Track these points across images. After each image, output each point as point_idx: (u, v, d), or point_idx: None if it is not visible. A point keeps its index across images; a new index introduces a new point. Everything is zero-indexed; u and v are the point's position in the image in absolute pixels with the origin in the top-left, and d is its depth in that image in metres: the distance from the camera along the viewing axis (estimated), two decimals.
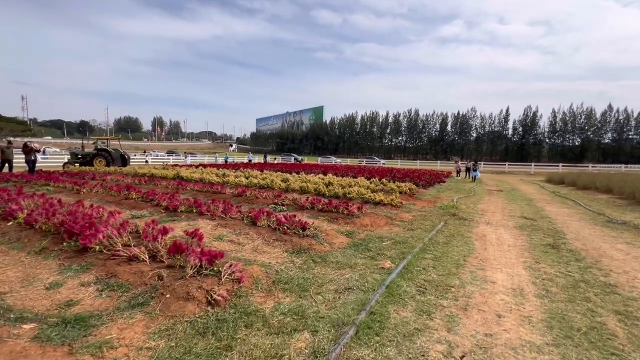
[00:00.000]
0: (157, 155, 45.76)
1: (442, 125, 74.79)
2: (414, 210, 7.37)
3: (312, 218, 5.94)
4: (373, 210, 6.87)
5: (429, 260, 3.92)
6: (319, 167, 20.09)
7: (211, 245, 4.00)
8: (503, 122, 67.71)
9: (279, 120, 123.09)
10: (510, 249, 4.61)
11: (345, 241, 4.62)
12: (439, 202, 8.87)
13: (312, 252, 3.97)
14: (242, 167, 19.51)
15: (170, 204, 5.75)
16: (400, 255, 4.02)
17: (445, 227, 5.85)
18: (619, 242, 5.11)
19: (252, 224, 4.87)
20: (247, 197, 7.54)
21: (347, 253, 4.09)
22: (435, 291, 3.05)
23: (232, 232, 4.62)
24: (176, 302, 2.52)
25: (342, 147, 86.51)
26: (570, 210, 8.28)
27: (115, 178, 10.90)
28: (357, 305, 2.62)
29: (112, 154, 19.84)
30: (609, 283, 3.39)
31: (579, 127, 62.09)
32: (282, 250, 4.01)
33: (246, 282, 2.94)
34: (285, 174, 12.87)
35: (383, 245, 4.51)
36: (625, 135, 59.23)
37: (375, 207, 7.33)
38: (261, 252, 3.92)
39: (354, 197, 7.99)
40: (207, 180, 10.55)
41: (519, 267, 3.84)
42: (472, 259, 4.11)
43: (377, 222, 5.85)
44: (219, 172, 13.03)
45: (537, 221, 6.68)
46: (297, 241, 4.19)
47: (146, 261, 3.13)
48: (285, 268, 3.46)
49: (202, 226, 4.83)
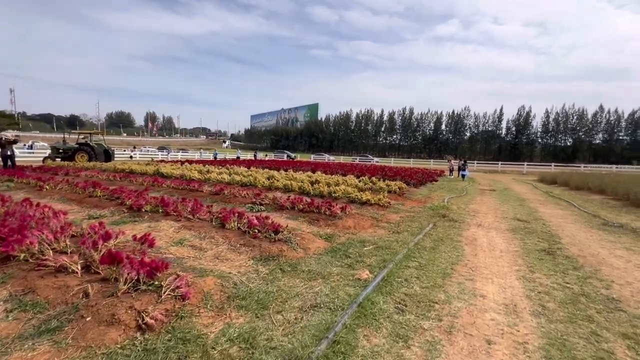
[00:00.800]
0: (149, 151, 44.80)
1: (436, 124, 74.75)
2: (402, 211, 6.96)
3: (290, 219, 5.50)
4: (358, 211, 6.44)
5: (413, 270, 3.51)
6: (310, 165, 19.62)
7: (167, 252, 3.52)
8: (497, 122, 67.95)
9: (273, 117, 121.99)
10: (503, 255, 4.22)
11: (322, 246, 4.19)
12: (430, 202, 8.49)
13: (282, 260, 3.53)
14: (230, 163, 18.94)
15: (135, 203, 5.25)
16: (381, 264, 3.60)
17: (434, 229, 5.45)
18: (618, 247, 4.77)
19: (220, 227, 4.40)
20: (225, 195, 7.05)
21: (322, 260, 3.65)
22: (416, 308, 2.62)
23: (196, 235, 4.14)
24: (96, 327, 2.05)
25: (336, 145, 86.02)
26: (565, 211, 7.97)
27: (90, 174, 10.30)
28: (320, 331, 2.18)
29: (95, 148, 19.10)
30: (612, 297, 3.01)
31: (571, 127, 62.53)
32: (248, 257, 3.55)
33: (193, 298, 2.48)
34: (272, 172, 12.38)
35: (364, 250, 4.08)
36: (616, 136, 59.83)
37: (361, 207, 6.91)
38: (223, 259, 3.46)
39: (340, 196, 7.56)
40: (188, 176, 10.01)
41: (512, 277, 3.45)
42: (460, 267, 3.71)
43: (361, 224, 5.43)
44: (202, 169, 12.48)
45: (530, 223, 6.33)
46: (267, 247, 3.73)
47: (77, 273, 2.65)
48: (247, 279, 3.00)
49: (163, 228, 4.35)
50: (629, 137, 58.70)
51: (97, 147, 19.40)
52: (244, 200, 6.62)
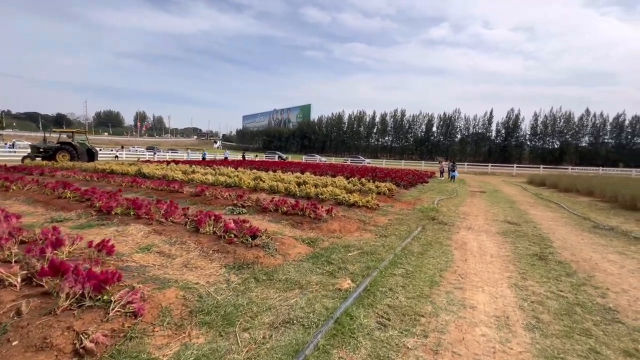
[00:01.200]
0: (137, 151, 43.80)
1: (427, 126, 75.24)
2: (390, 213, 6.74)
3: (273, 222, 5.21)
4: (345, 213, 6.19)
5: (399, 278, 3.26)
6: (300, 166, 19.34)
7: (129, 260, 3.20)
8: (487, 124, 68.74)
9: (266, 118, 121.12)
10: (494, 261, 4.02)
11: (304, 251, 3.92)
12: (419, 204, 8.30)
13: (257, 267, 3.24)
14: (218, 164, 18.51)
15: (105, 205, 4.88)
16: (365, 271, 3.34)
17: (423, 233, 5.24)
18: (610, 251, 4.63)
19: (195, 231, 4.09)
20: (206, 197, 6.71)
21: (302, 267, 3.38)
22: (400, 323, 2.38)
23: (166, 240, 3.82)
24: (22, 354, 1.73)
25: (329, 146, 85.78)
26: (555, 214, 7.88)
27: (67, 174, 9.80)
28: (288, 354, 1.91)
29: (77, 148, 18.43)
30: (609, 307, 2.82)
31: (559, 130, 63.63)
32: (221, 264, 3.26)
33: (148, 314, 2.18)
34: (259, 172, 12.05)
35: (348, 256, 3.83)
36: (601, 140, 61.13)
37: (348, 209, 6.66)
38: (192, 267, 3.15)
39: (327, 198, 7.30)
40: (171, 177, 9.61)
41: (504, 285, 3.24)
42: (449, 274, 3.49)
43: (347, 227, 5.18)
44: (187, 169, 12.07)
45: (521, 226, 6.18)
46: (242, 253, 3.44)
47: (16, 286, 2.32)
48: (216, 290, 2.71)
49: (132, 233, 4.01)
50: (614, 141, 60.06)
51: (80, 147, 18.73)
52: (225, 202, 6.30)
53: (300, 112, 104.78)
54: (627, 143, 58.37)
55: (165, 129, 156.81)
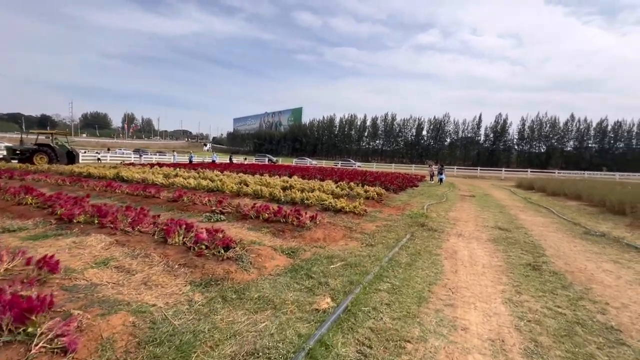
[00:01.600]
0: (123, 154, 42.65)
1: (418, 130, 75.90)
2: (378, 219, 6.47)
3: (252, 230, 4.87)
4: (331, 220, 5.89)
5: (384, 294, 2.97)
6: (289, 169, 19.00)
7: (80, 277, 2.82)
8: (476, 129, 69.76)
9: (257, 121, 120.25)
10: (486, 272, 3.78)
11: (282, 264, 3.59)
12: (409, 209, 8.07)
13: (227, 284, 2.90)
14: (205, 167, 18.01)
15: (67, 213, 4.46)
16: (347, 287, 3.04)
17: (411, 241, 4.97)
18: (604, 260, 4.45)
19: (162, 242, 3.72)
20: (184, 202, 6.32)
21: (278, 283, 3.06)
22: (383, 352, 2.08)
23: (128, 253, 3.44)
24: None
25: (320, 149, 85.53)
26: (545, 219, 7.75)
27: (38, 177, 9.23)
28: None
29: (56, 150, 17.68)
30: (611, 325, 2.59)
31: (545, 135, 65.02)
32: (186, 281, 2.90)
33: (83, 349, 1.82)
34: (245, 176, 11.66)
35: (330, 269, 3.52)
36: (585, 144, 62.71)
37: (335, 215, 6.36)
38: (153, 285, 2.79)
39: (313, 203, 6.99)
40: (151, 181, 9.15)
41: (497, 301, 2.98)
42: (439, 288, 3.22)
43: (332, 235, 4.87)
44: (170, 173, 11.60)
45: (512, 232, 5.99)
46: (212, 267, 3.10)
47: None
48: (175, 313, 2.37)
49: (91, 244, 3.61)
50: (597, 145, 61.67)
51: (59, 149, 17.98)
52: (203, 208, 5.93)
53: (291, 115, 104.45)
54: (610, 147, 60.07)
55: (154, 131, 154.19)
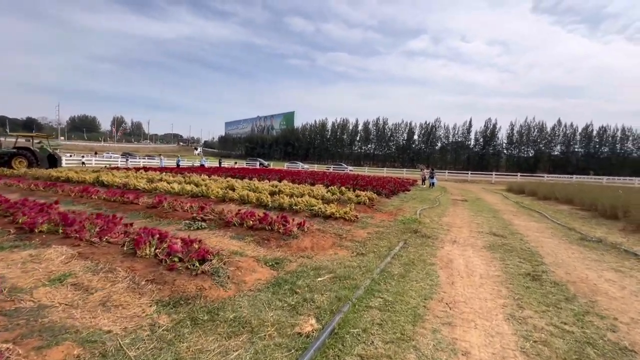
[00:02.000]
0: (111, 157, 41.62)
1: (409, 135, 76.50)
2: (370, 226, 6.21)
3: (235, 239, 4.54)
4: (321, 227, 5.60)
5: (375, 312, 2.68)
6: (280, 173, 18.65)
7: (28, 297, 2.45)
8: (466, 133, 70.69)
9: (249, 125, 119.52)
10: (484, 283, 3.53)
11: (265, 277, 3.28)
12: (401, 214, 7.83)
13: (199, 303, 2.57)
14: (192, 171, 17.53)
15: (29, 221, 4.06)
16: (335, 304, 2.74)
17: (405, 249, 4.71)
18: (605, 268, 4.26)
19: (132, 254, 3.37)
20: (164, 208, 5.94)
21: (258, 300, 2.74)
22: None
23: (91, 267, 3.08)
24: None
25: (312, 153, 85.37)
26: (540, 224, 7.61)
27: (10, 182, 8.69)
28: None
29: (36, 153, 16.98)
30: (624, 345, 2.35)
31: (533, 139, 66.29)
32: (152, 300, 2.57)
33: None
34: (234, 180, 11.29)
35: (317, 282, 3.22)
36: (572, 148, 64.16)
37: (324, 221, 6.07)
38: (112, 306, 2.45)
39: (302, 209, 6.69)
40: (133, 185, 8.71)
41: (499, 317, 2.73)
42: (435, 303, 2.95)
43: (321, 244, 4.58)
44: (155, 177, 11.14)
45: (507, 239, 5.79)
46: (183, 283, 2.76)
47: None
48: (132, 342, 2.03)
49: (49, 257, 3.23)
50: (583, 150, 63.15)
51: (39, 152, 17.27)
52: (184, 215, 5.56)
53: (283, 119, 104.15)
54: (595, 152, 61.59)
55: (144, 134, 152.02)
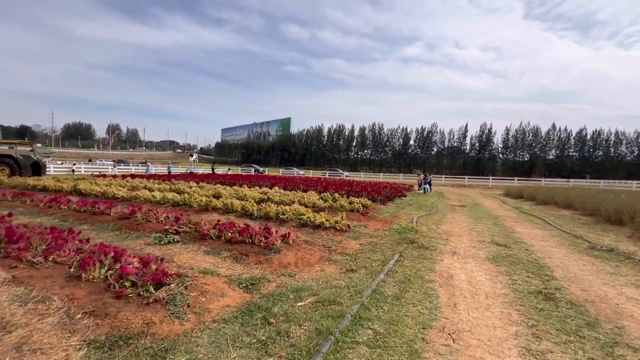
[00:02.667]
0: (103, 164, 40.94)
1: (405, 140, 76.52)
2: (363, 236, 5.73)
3: (210, 255, 4.04)
4: (309, 237, 5.11)
5: (363, 349, 2.20)
6: (273, 179, 18.15)
7: None
8: (462, 138, 70.84)
9: (245, 131, 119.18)
10: (491, 305, 3.06)
11: (235, 302, 2.78)
12: (397, 222, 7.36)
13: (144, 343, 2.07)
14: (183, 178, 16.97)
15: None
16: (315, 339, 2.25)
17: (400, 263, 4.23)
18: (623, 283, 3.81)
19: (77, 277, 2.85)
20: (137, 220, 5.42)
21: (221, 335, 2.25)
22: None
23: (21, 295, 2.56)
24: None
25: (308, 159, 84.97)
26: (544, 231, 7.17)
27: None
28: None
29: (19, 161, 16.35)
30: None
31: (528, 144, 66.56)
32: (83, 340, 2.06)
33: None
34: (222, 187, 10.78)
35: (296, 309, 2.73)
36: (567, 152, 64.47)
37: (313, 232, 5.59)
38: (29, 350, 1.93)
39: (290, 218, 6.20)
40: (112, 194, 8.18)
41: (513, 353, 2.25)
42: (435, 333, 2.47)
43: (307, 259, 4.09)
44: (138, 185, 10.60)
45: (511, 249, 5.34)
46: (127, 316, 2.26)
47: None
48: None
49: None
50: (577, 153, 63.49)
51: (23, 159, 16.64)
52: (157, 227, 5.04)
53: (280, 126, 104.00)
54: (590, 155, 61.96)
55: (140, 142, 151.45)
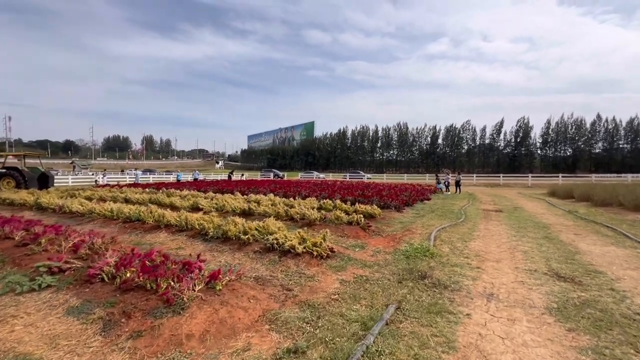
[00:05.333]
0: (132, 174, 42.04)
1: (432, 139, 72.56)
2: (352, 264, 3.97)
3: (72, 315, 2.52)
4: (266, 272, 3.47)
5: None
6: (280, 184, 16.74)
7: None
8: (495, 135, 65.79)
9: (270, 137, 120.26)
10: None
11: None
12: (407, 238, 5.49)
13: None
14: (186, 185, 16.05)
15: None
16: None
17: (394, 329, 2.47)
18: None
19: None
20: (33, 248, 4.05)
21: None
22: None
23: None
24: None
25: (333, 162, 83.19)
26: (624, 250, 4.98)
27: None
28: None
29: (25, 172, 16.24)
30: None
31: (570, 137, 60.45)
32: None
33: None
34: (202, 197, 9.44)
35: None
36: (616, 145, 57.57)
37: (279, 260, 3.93)
38: None
39: (254, 239, 4.58)
40: (68, 208, 7.10)
41: None
42: None
43: (231, 322, 2.45)
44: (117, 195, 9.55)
45: (585, 286, 3.36)
46: None
47: None
48: None
49: None
50: (629, 145, 56.45)
51: (29, 172, 16.55)
52: (55, 257, 3.64)
53: (304, 130, 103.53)
54: None
55: (172, 151, 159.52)
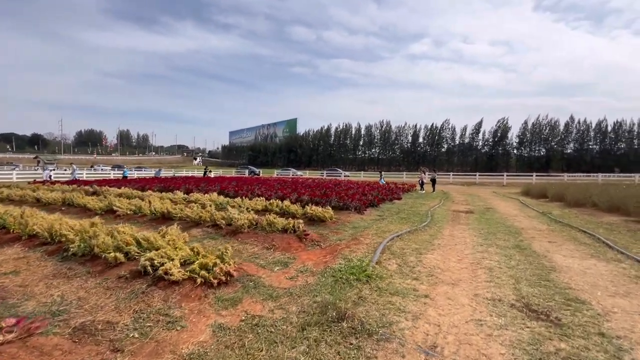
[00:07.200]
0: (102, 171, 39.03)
1: (414, 137, 73.01)
2: (252, 297, 2.84)
3: None
4: (112, 314, 2.30)
5: None
6: (242, 182, 15.45)
7: None
8: (474, 135, 66.83)
9: (252, 133, 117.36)
10: None
11: None
12: (350, 250, 4.43)
13: None
14: (141, 182, 14.47)
15: None
16: None
17: None
18: None
19: None
20: None
21: None
22: None
23: None
24: None
25: (316, 160, 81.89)
26: (607, 264, 4.12)
27: None
28: None
29: None
30: None
31: (544, 138, 62.41)
32: None
33: None
34: (134, 195, 8.10)
35: None
36: (586, 146, 59.89)
37: (145, 291, 2.75)
38: None
39: (132, 256, 3.38)
40: None
41: None
42: None
43: None
44: (27, 194, 8.03)
45: (564, 327, 2.40)
46: None
47: None
48: None
49: None
50: (598, 146, 59.01)
51: None
52: None
53: (286, 127, 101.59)
54: (611, 148, 57.60)
55: (149, 146, 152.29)
